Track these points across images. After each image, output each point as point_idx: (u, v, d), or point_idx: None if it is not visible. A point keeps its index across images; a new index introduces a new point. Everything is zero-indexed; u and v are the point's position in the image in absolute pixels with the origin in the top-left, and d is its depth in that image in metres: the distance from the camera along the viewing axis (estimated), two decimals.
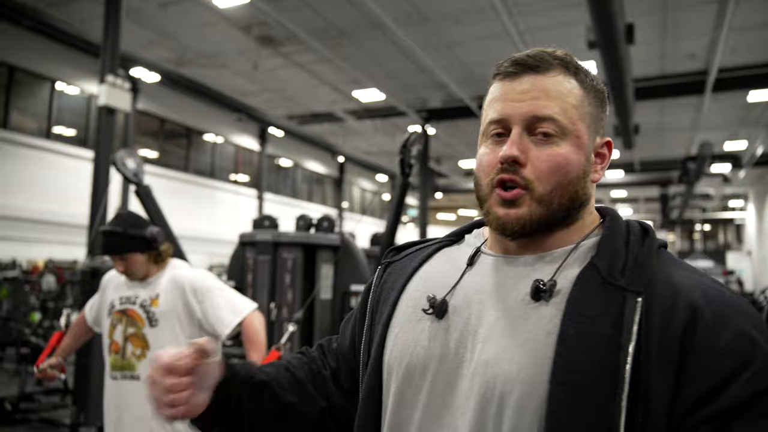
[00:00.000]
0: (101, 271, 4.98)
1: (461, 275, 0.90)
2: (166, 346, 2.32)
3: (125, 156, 4.09)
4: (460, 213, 33.74)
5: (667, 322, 0.71)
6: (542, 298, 0.79)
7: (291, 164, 19.98)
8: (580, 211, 0.86)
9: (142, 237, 2.31)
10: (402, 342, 0.89)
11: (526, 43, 10.31)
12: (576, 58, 0.90)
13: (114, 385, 2.34)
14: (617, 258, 0.79)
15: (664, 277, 0.77)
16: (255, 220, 3.76)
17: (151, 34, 10.74)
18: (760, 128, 15.58)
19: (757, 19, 9.47)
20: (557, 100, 0.83)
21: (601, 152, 0.89)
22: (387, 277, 1.01)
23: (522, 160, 0.82)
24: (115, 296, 2.41)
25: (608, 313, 0.73)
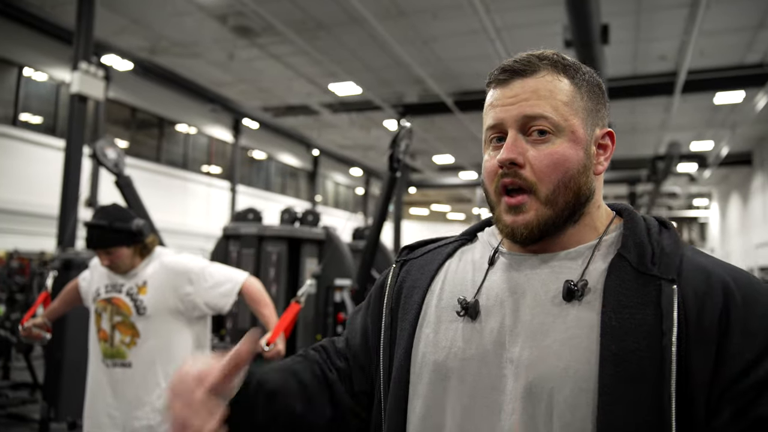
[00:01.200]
0: (74, 262, 4.90)
1: (485, 275, 0.91)
2: (157, 334, 2.32)
3: (105, 146, 4.01)
4: (432, 208, 33.89)
5: (702, 305, 0.75)
6: (575, 298, 0.80)
7: (265, 157, 19.80)
8: (586, 205, 0.88)
9: (129, 230, 2.28)
10: (434, 344, 0.89)
11: (503, 40, 10.40)
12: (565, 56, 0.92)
13: (108, 372, 2.32)
14: (644, 248, 0.81)
15: (692, 263, 0.80)
16: (238, 212, 3.73)
17: (124, 20, 10.51)
18: (725, 129, 16.00)
19: (726, 24, 9.72)
20: (547, 99, 0.85)
21: (603, 143, 0.91)
22: (405, 276, 1.00)
23: (519, 161, 0.83)
24: (100, 284, 2.39)
25: (646, 302, 0.76)
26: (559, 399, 0.76)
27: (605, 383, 0.73)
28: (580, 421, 0.74)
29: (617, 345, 0.74)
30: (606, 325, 0.76)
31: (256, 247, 3.59)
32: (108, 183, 6.68)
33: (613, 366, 0.73)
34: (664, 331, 0.73)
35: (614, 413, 0.71)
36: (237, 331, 3.58)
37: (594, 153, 0.88)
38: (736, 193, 24.15)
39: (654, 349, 0.73)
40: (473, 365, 0.84)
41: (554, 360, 0.78)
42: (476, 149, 19.43)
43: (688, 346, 0.73)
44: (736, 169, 20.80)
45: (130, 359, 2.29)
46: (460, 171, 22.53)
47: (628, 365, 0.73)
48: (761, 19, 9.58)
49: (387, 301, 1.00)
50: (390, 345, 0.95)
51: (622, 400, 0.72)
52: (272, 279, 3.56)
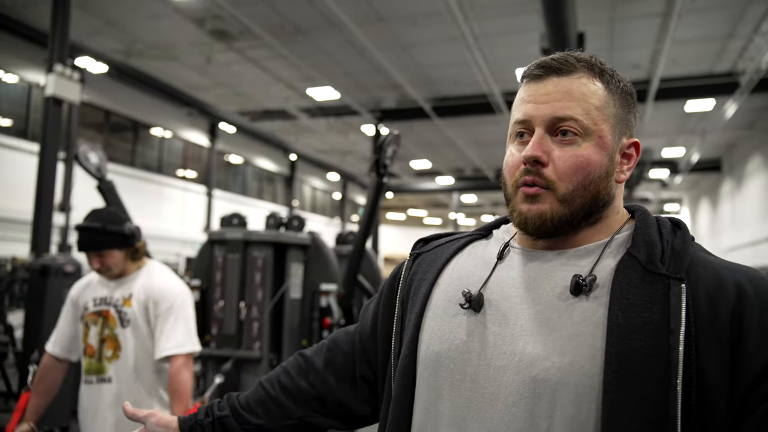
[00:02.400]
0: (51, 268, 4.80)
1: (493, 269, 0.92)
2: (135, 347, 2.27)
3: (88, 150, 3.95)
4: (409, 213, 33.97)
5: (714, 304, 0.75)
6: (582, 293, 0.81)
7: (241, 161, 19.65)
8: (604, 210, 0.88)
9: (121, 233, 2.25)
10: (438, 336, 0.90)
11: (481, 48, 10.50)
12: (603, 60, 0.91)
13: (90, 390, 2.26)
14: (654, 247, 0.82)
15: (702, 262, 0.80)
16: (223, 217, 3.70)
17: (98, 22, 10.36)
18: (696, 136, 16.37)
19: (697, 33, 9.96)
20: (579, 101, 0.85)
21: (628, 153, 0.91)
22: (417, 268, 1.03)
23: (543, 160, 0.84)
24: (88, 298, 2.34)
25: (654, 301, 0.76)
26: (563, 393, 0.76)
27: (609, 380, 0.73)
28: (584, 415, 0.75)
29: (623, 343, 0.74)
30: (613, 322, 0.76)
31: (241, 252, 3.57)
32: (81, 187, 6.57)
33: (617, 363, 0.74)
34: (672, 330, 0.73)
35: (618, 410, 0.72)
36: (222, 336, 3.54)
37: (618, 161, 0.89)
38: (705, 198, 24.70)
39: (660, 347, 0.73)
40: (474, 357, 0.85)
41: (559, 355, 0.78)
42: (453, 155, 19.56)
43: (698, 345, 0.73)
44: (706, 175, 21.29)
45: (109, 374, 2.24)
46: (437, 176, 22.64)
47: (634, 363, 0.73)
48: (731, 29, 9.84)
49: (400, 293, 1.02)
50: (401, 335, 0.98)
51: (626, 398, 0.72)
52: (258, 284, 3.54)
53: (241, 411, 1.11)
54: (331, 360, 1.12)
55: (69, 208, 10.29)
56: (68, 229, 10.12)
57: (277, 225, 3.73)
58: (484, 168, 20.82)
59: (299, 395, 1.11)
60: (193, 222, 16.82)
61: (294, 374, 1.13)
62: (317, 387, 1.11)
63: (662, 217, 0.90)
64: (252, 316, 3.46)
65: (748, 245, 16.71)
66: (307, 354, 1.17)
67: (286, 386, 1.12)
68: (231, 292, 3.49)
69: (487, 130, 16.08)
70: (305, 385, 1.11)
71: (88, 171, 4.01)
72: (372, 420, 1.11)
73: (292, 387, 1.12)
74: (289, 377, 1.13)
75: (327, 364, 1.12)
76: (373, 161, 3.54)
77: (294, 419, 1.10)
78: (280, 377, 1.14)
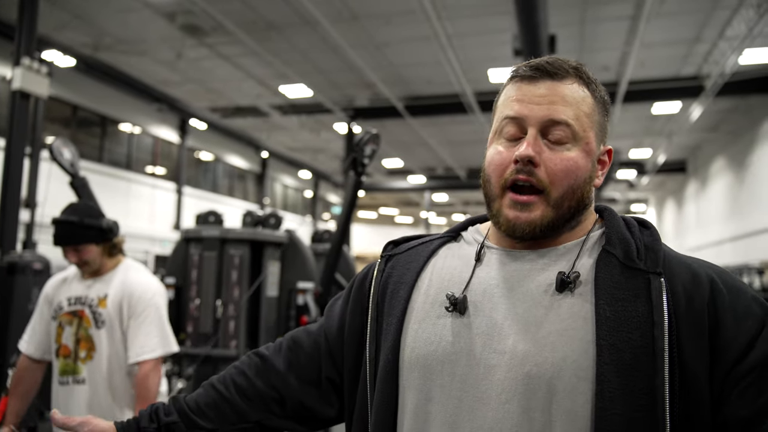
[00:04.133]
0: (18, 266, 4.69)
1: (473, 270, 0.92)
2: (109, 347, 2.24)
3: (61, 145, 3.87)
4: (381, 211, 34.02)
5: (691, 297, 0.80)
6: (567, 289, 0.84)
7: (212, 158, 19.42)
8: (583, 213, 0.92)
9: (99, 227, 2.21)
10: (423, 339, 0.90)
11: (454, 48, 10.57)
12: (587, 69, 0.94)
13: (64, 391, 2.22)
14: (629, 245, 0.86)
15: (675, 258, 0.86)
16: (199, 215, 3.66)
17: (66, 15, 10.12)
18: (662, 138, 16.75)
19: (665, 36, 10.19)
20: (572, 107, 0.88)
21: (603, 159, 0.95)
22: (391, 271, 1.01)
23: (537, 160, 0.85)
24: (62, 298, 2.29)
25: (637, 295, 0.80)
26: (558, 388, 0.79)
27: (602, 372, 0.76)
28: (580, 408, 0.78)
29: (612, 336, 0.78)
30: (601, 316, 0.79)
31: (218, 250, 3.54)
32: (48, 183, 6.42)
33: (609, 355, 0.77)
34: (656, 322, 0.78)
35: (612, 399, 0.75)
36: (198, 335, 3.51)
37: (596, 167, 0.93)
38: (671, 199, 25.30)
39: (646, 338, 0.77)
40: (462, 358, 0.86)
41: (550, 351, 0.80)
42: (425, 154, 19.65)
43: (679, 336, 0.78)
44: (671, 176, 21.80)
45: (83, 375, 2.20)
46: (408, 175, 22.71)
47: (623, 354, 0.77)
48: (697, 33, 10.09)
49: (372, 296, 1.00)
50: (376, 338, 0.97)
51: (618, 388, 0.75)
52: (234, 282, 3.51)
53: (190, 415, 1.04)
54: (293, 361, 1.07)
55: (34, 205, 10.03)
56: (33, 225, 9.88)
57: (254, 223, 3.70)
58: (456, 167, 20.97)
59: (257, 397, 1.05)
60: (163, 219, 16.56)
61: (251, 375, 1.07)
62: (278, 389, 1.06)
63: (628, 217, 0.94)
64: (228, 314, 3.44)
65: (712, 245, 17.18)
66: (265, 354, 1.11)
67: (241, 387, 1.06)
68: (207, 290, 3.46)
69: (459, 130, 16.20)
70: (264, 387, 1.06)
71: (61, 166, 3.93)
72: (335, 422, 1.08)
73: (248, 388, 1.06)
74: (244, 378, 1.07)
75: (289, 365, 1.07)
76: (350, 159, 3.54)
77: (249, 422, 1.05)
78: (234, 378, 1.08)
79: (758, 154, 13.77)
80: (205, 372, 3.39)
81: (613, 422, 0.75)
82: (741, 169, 14.99)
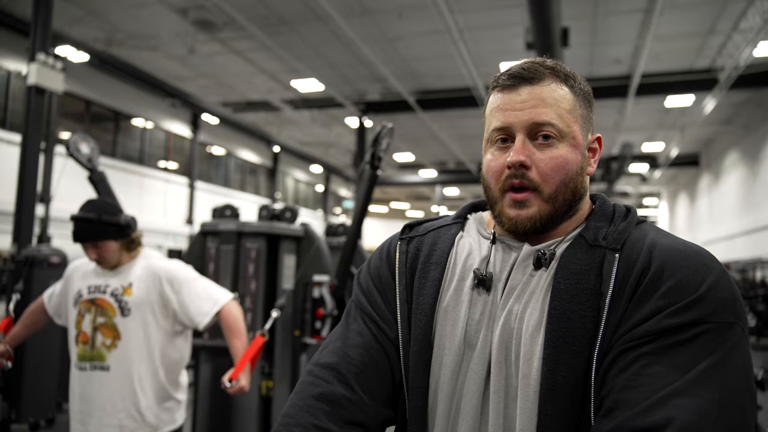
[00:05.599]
0: (37, 259, 4.76)
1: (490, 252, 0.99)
2: (136, 336, 2.29)
3: (79, 140, 3.91)
4: (392, 205, 34.05)
5: (629, 271, 0.84)
6: (543, 265, 0.91)
7: (224, 152, 19.52)
8: (579, 202, 0.97)
9: (117, 224, 2.25)
10: (453, 317, 0.96)
11: (466, 41, 10.54)
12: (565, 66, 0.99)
13: (82, 376, 2.26)
14: (600, 230, 0.92)
15: (637, 238, 0.89)
16: (215, 209, 3.69)
17: (79, 11, 10.20)
18: (675, 131, 16.62)
19: (678, 29, 10.11)
20: (553, 107, 0.93)
21: (593, 147, 1.01)
22: (416, 252, 1.04)
23: (528, 164, 0.91)
24: (82, 285, 2.33)
25: (591, 269, 0.87)
26: (521, 353, 0.87)
27: (550, 338, 0.84)
28: (534, 371, 0.85)
29: (563, 305, 0.85)
30: (555, 288, 0.87)
31: (234, 244, 3.57)
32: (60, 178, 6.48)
33: (558, 323, 0.84)
34: (602, 293, 0.83)
35: (556, 363, 0.82)
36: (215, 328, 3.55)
37: (587, 156, 0.98)
38: (683, 192, 25.11)
39: (593, 308, 0.83)
40: (481, 334, 0.93)
41: (518, 321, 0.89)
42: (436, 148, 19.63)
43: (612, 304, 0.83)
44: (684, 169, 21.64)
45: (108, 362, 2.24)
46: (420, 169, 22.71)
47: (571, 323, 0.83)
48: (711, 25, 10.00)
49: (399, 278, 1.02)
50: (408, 320, 0.98)
51: (562, 353, 0.82)
52: (251, 275, 3.54)
53: None
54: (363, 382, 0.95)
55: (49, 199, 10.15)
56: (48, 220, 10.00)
57: (270, 216, 3.74)
58: (467, 161, 20.94)
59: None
60: (175, 214, 16.69)
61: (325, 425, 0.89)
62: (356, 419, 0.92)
63: (619, 205, 0.99)
64: (245, 306, 3.48)
65: (724, 239, 17.05)
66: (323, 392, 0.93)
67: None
68: (224, 283, 3.49)
69: (470, 124, 16.17)
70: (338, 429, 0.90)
71: (79, 162, 3.97)
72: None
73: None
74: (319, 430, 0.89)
75: (359, 389, 0.94)
76: (370, 153, 3.57)
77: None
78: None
79: None
80: (221, 364, 3.44)
81: (557, 383, 0.82)
82: (754, 163, 14.85)
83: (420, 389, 0.95)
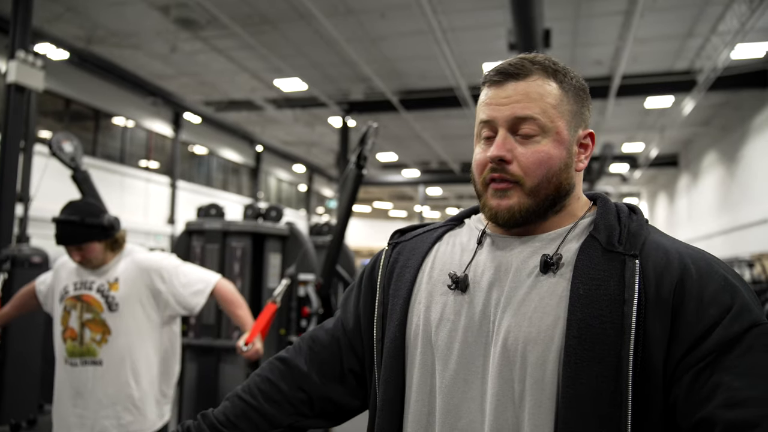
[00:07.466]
0: (17, 259, 4.70)
1: (474, 254, 0.99)
2: (128, 330, 2.29)
3: (62, 139, 3.87)
4: (375, 205, 34.05)
5: (661, 279, 0.84)
6: (550, 270, 0.90)
7: (206, 152, 19.38)
8: (567, 198, 0.97)
9: (100, 225, 2.24)
10: (426, 316, 0.97)
11: (449, 42, 10.60)
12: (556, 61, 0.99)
13: (73, 372, 2.26)
14: (613, 230, 0.91)
15: (654, 242, 0.90)
16: (200, 208, 3.68)
17: (59, 8, 10.07)
18: (654, 132, 16.86)
19: (658, 31, 10.26)
20: (537, 102, 0.93)
21: (584, 143, 0.99)
22: (397, 257, 1.08)
23: (508, 158, 0.92)
24: (68, 282, 2.33)
25: (611, 276, 0.85)
26: (530, 359, 0.85)
27: (570, 344, 0.82)
28: (548, 377, 0.84)
29: (583, 311, 0.83)
30: (574, 294, 0.85)
31: (220, 243, 3.57)
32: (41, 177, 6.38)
33: (577, 329, 0.82)
34: (626, 300, 0.82)
35: (577, 370, 0.81)
36: (201, 326, 3.54)
37: (576, 152, 0.97)
38: (663, 192, 25.47)
39: (616, 315, 0.82)
40: (460, 334, 0.93)
41: (527, 325, 0.87)
42: (420, 148, 19.69)
43: (646, 314, 0.82)
44: (663, 170, 21.95)
45: (100, 357, 2.24)
46: (403, 169, 22.75)
47: (592, 329, 0.82)
48: (690, 28, 10.16)
49: (380, 280, 1.07)
50: (383, 319, 1.03)
51: (584, 360, 0.81)
52: (237, 274, 3.54)
53: (222, 429, 1.07)
54: (315, 359, 1.11)
55: (28, 199, 10.01)
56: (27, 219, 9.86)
57: (255, 215, 3.74)
58: (450, 161, 21.03)
59: (284, 401, 1.08)
60: (157, 213, 16.54)
61: (275, 380, 1.10)
62: (304, 389, 1.09)
63: (620, 203, 0.99)
64: None
65: (703, 238, 17.32)
66: (285, 357, 1.14)
67: (268, 394, 1.09)
68: None
69: (453, 124, 16.25)
70: (290, 390, 1.09)
71: (62, 161, 3.93)
72: (360, 411, 1.13)
73: (275, 393, 1.09)
74: (269, 384, 1.10)
75: (311, 364, 1.10)
76: (357, 153, 3.59)
77: (281, 427, 1.08)
78: (259, 385, 1.10)
79: (749, 148, 13.89)
80: (207, 362, 3.44)
81: (578, 391, 0.80)
82: (732, 163, 15.11)
83: (392, 383, 0.98)
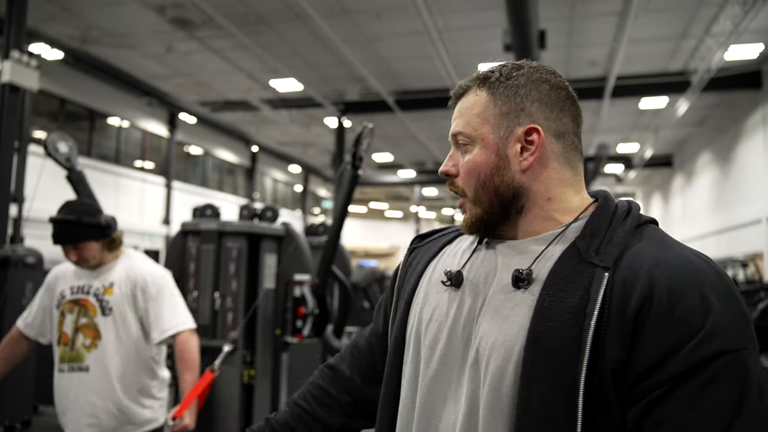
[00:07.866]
0: (11, 260, 4.68)
1: (471, 254, 1.01)
2: (116, 335, 2.28)
3: (57, 139, 3.86)
4: (371, 206, 34.04)
5: (627, 295, 0.78)
6: (521, 287, 0.88)
7: (201, 152, 19.35)
8: (521, 199, 0.93)
9: (97, 225, 2.24)
10: (419, 315, 1.00)
11: (444, 42, 10.61)
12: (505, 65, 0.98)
13: (62, 378, 2.26)
14: (596, 238, 0.86)
15: (635, 253, 0.83)
16: (196, 208, 3.68)
17: (54, 8, 10.05)
18: (649, 133, 16.91)
19: (653, 32, 10.30)
20: (464, 116, 0.98)
21: (529, 139, 0.93)
22: (412, 261, 1.12)
23: (453, 172, 0.99)
24: (65, 287, 2.32)
25: (579, 287, 0.81)
26: (492, 368, 0.85)
27: (527, 357, 0.80)
28: (505, 388, 0.83)
29: (544, 324, 0.81)
30: (539, 305, 0.83)
31: (215, 243, 3.57)
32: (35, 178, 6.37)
33: (536, 343, 0.80)
34: (587, 314, 0.78)
35: (532, 383, 0.79)
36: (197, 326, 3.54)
37: (516, 151, 0.93)
38: (657, 193, 25.57)
39: (575, 329, 0.78)
40: (445, 335, 0.94)
41: (497, 333, 0.86)
42: (415, 148, 19.70)
43: (607, 332, 0.77)
44: (658, 170, 22.03)
45: (87, 363, 2.23)
46: (399, 169, 22.77)
47: (551, 343, 0.79)
48: (684, 29, 10.21)
49: (397, 284, 1.13)
50: (393, 319, 1.08)
51: (540, 374, 0.79)
52: (232, 274, 3.55)
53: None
54: (356, 364, 1.19)
55: (22, 199, 9.97)
56: (21, 220, 9.83)
57: (251, 216, 3.74)
58: None
59: (335, 404, 1.17)
60: (152, 214, 16.50)
61: (325, 385, 1.19)
62: (350, 392, 1.17)
63: (621, 202, 0.95)
64: (226, 306, 3.48)
65: (697, 238, 17.39)
66: (333, 363, 1.23)
67: (319, 399, 1.18)
68: (205, 282, 3.50)
69: (448, 125, 15.94)
70: (338, 394, 1.18)
71: (57, 161, 3.92)
72: None
73: (326, 398, 1.18)
74: (320, 390, 1.19)
75: (353, 369, 1.19)
76: (352, 153, 3.61)
77: (333, 429, 1.16)
78: (311, 392, 1.20)
79: (743, 148, 13.96)
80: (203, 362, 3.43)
81: (530, 404, 0.79)
82: (726, 164, 15.18)
83: (390, 380, 1.03)
